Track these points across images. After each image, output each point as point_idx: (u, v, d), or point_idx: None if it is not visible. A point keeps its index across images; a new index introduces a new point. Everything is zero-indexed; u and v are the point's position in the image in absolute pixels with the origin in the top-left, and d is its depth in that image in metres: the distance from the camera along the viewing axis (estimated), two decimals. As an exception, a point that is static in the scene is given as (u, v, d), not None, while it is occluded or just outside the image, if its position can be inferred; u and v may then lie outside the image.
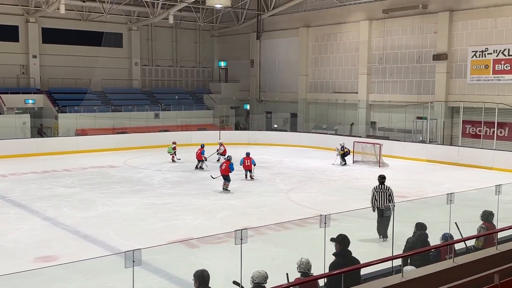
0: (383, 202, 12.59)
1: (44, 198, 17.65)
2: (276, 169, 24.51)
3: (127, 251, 5.51)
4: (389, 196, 12.74)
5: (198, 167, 23.84)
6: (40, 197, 17.83)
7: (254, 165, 21.38)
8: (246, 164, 21.21)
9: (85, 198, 17.70)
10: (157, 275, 10.35)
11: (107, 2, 34.12)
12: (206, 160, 23.95)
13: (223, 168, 19.14)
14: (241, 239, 6.43)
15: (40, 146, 28.77)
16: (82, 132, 32.00)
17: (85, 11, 36.48)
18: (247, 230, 6.52)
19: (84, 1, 34.33)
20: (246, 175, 21.23)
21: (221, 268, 10.85)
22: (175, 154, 26.43)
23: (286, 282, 7.58)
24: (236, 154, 21.82)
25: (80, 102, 34.24)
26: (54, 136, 31.97)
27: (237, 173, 22.32)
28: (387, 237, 11.40)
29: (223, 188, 18.83)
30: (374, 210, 12.41)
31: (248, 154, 21.70)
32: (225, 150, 25.40)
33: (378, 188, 12.96)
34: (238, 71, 41.99)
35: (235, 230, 6.37)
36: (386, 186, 12.95)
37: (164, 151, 27.46)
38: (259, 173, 22.03)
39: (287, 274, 7.72)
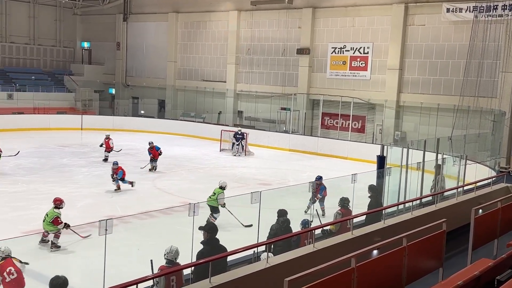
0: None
1: None
2: (143, 156, 23.90)
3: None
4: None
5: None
6: None
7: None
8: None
9: None
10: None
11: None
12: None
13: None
14: (106, 229, 6.16)
15: None
16: None
17: None
18: (112, 220, 6.26)
19: None
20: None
21: (82, 259, 10.36)
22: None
23: (151, 269, 7.48)
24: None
25: None
26: None
27: (95, 159, 21.49)
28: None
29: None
30: None
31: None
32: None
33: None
34: (103, 53, 40.09)
35: (99, 220, 6.07)
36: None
37: (19, 135, 25.36)
38: (124, 160, 21.28)
39: (151, 260, 7.60)
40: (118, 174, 16.79)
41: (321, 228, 9.54)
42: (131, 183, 16.98)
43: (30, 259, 9.94)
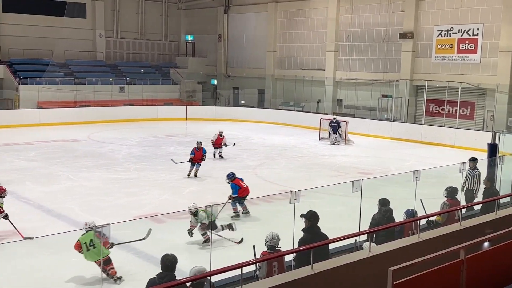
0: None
1: (5, 172, 17.16)
2: (243, 145, 24.48)
3: (97, 226, 5.42)
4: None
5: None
6: (1, 170, 17.33)
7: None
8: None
9: (48, 172, 17.30)
10: (124, 250, 10.25)
11: (70, -30, 32.98)
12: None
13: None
14: (211, 215, 6.41)
15: (0, 118, 27.89)
16: (44, 105, 31.15)
17: (47, -21, 35.21)
18: (217, 206, 6.51)
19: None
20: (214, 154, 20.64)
21: (187, 243, 10.84)
22: None
23: (253, 254, 7.66)
24: (207, 130, 21.79)
25: (42, 73, 33.18)
26: (15, 108, 31.05)
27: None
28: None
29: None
30: None
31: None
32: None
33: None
34: (205, 45, 41.44)
35: (205, 206, 6.34)
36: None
37: (130, 125, 26.95)
38: (226, 149, 21.96)
39: (253, 246, 7.77)
40: None
41: (426, 219, 9.20)
42: None
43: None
